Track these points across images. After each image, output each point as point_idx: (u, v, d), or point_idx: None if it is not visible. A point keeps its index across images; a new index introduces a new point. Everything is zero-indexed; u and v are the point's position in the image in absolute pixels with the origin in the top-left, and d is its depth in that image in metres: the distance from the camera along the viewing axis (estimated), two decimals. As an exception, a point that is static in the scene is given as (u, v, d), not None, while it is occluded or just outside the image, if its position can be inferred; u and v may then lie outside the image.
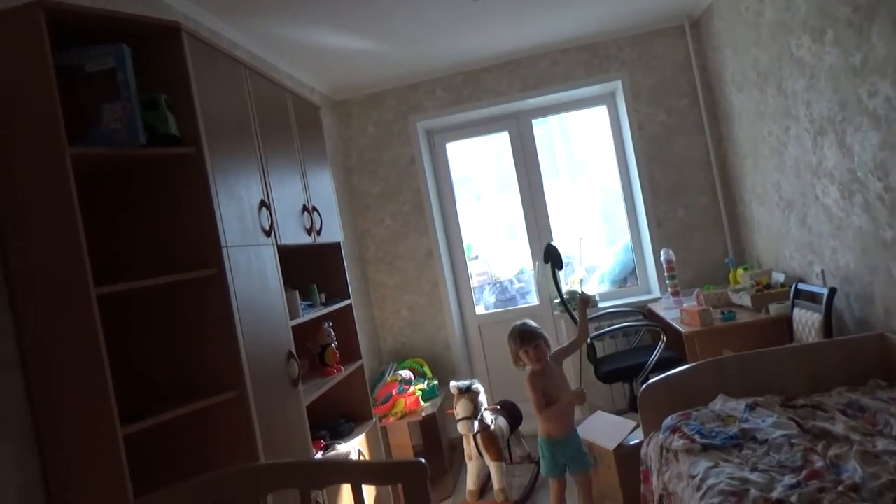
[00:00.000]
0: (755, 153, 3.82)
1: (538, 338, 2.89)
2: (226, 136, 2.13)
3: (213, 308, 1.96)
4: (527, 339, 2.87)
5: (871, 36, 2.37)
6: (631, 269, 5.01)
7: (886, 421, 2.16)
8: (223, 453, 1.94)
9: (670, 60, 4.50)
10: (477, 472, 3.63)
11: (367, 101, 4.81)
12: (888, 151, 2.41)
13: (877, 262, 2.65)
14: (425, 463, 1.31)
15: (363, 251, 4.84)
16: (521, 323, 2.98)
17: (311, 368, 2.89)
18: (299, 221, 2.68)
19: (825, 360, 2.67)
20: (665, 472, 2.38)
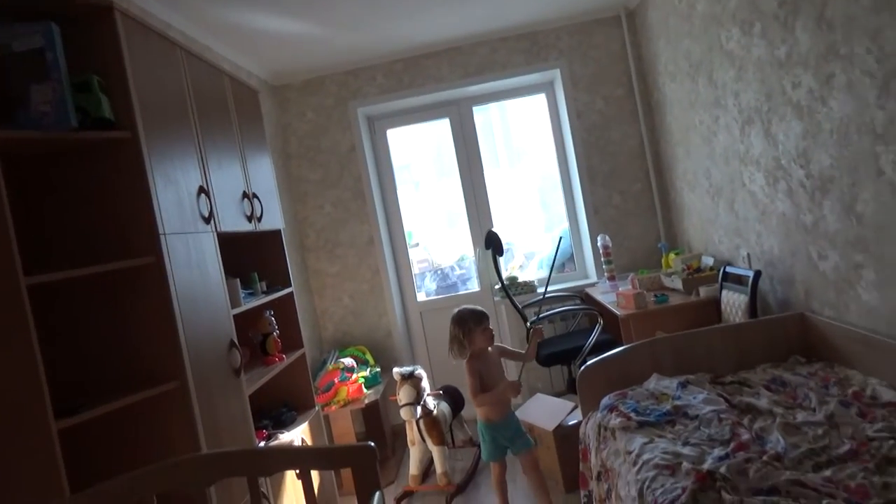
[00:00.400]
0: (686, 141, 3.96)
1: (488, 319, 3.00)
2: (162, 120, 2.07)
3: (151, 297, 1.90)
4: (484, 319, 2.97)
5: (795, 30, 2.49)
6: (569, 255, 5.12)
7: (806, 395, 2.29)
8: (165, 445, 1.90)
9: (607, 50, 4.60)
10: (420, 457, 3.66)
11: (306, 86, 4.72)
12: (809, 140, 2.54)
13: (798, 246, 2.80)
14: (374, 447, 1.32)
15: (303, 239, 4.78)
16: (469, 307, 3.04)
17: (253, 357, 2.85)
18: (239, 208, 2.62)
19: (750, 339, 2.81)
20: (603, 449, 2.46)
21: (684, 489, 1.77)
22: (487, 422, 2.97)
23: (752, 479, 1.77)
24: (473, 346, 2.95)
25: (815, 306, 2.74)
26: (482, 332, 2.94)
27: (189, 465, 1.41)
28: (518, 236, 5.26)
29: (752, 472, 1.80)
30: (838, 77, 2.28)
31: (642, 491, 1.90)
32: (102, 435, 1.87)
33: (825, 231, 2.55)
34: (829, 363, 2.56)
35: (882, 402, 2.09)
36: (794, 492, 1.67)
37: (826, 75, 2.35)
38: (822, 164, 2.49)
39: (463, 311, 3.02)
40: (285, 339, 3.01)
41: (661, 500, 1.78)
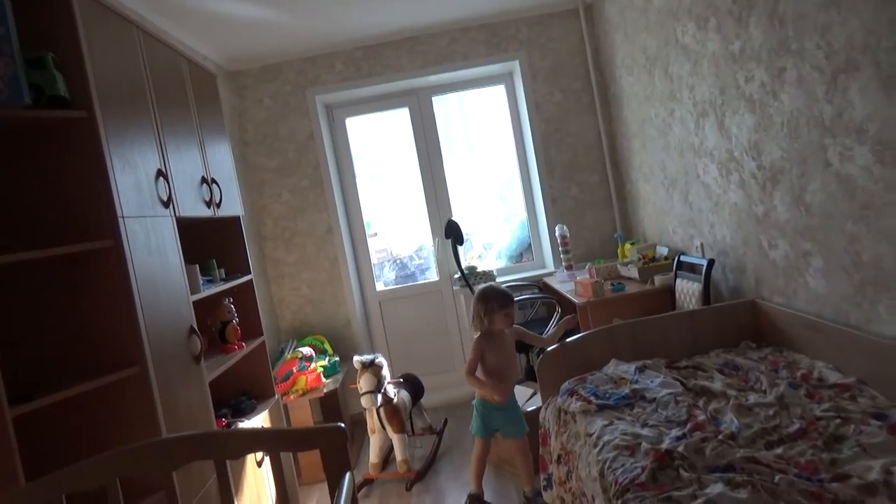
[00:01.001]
0: (642, 134, 4.05)
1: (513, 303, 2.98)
2: (119, 101, 2.01)
3: (110, 282, 1.85)
4: (509, 304, 2.94)
5: (748, 25, 2.57)
6: (527, 245, 5.18)
7: (757, 378, 2.38)
8: (124, 432, 1.86)
9: (565, 42, 4.65)
10: (380, 444, 3.66)
11: (263, 72, 4.64)
12: (761, 133, 2.63)
13: (749, 236, 2.90)
14: (344, 427, 1.32)
15: (260, 227, 4.70)
16: (495, 286, 3.03)
17: (212, 345, 2.79)
18: (198, 193, 2.56)
19: (704, 326, 2.90)
20: (563, 433, 2.51)
21: (644, 468, 1.82)
22: (483, 400, 2.99)
23: (709, 458, 1.83)
24: (492, 325, 2.94)
25: (766, 293, 2.84)
26: (504, 315, 2.93)
27: (154, 448, 1.38)
28: (477, 226, 5.29)
29: (708, 450, 1.86)
30: (789, 72, 2.36)
31: (603, 471, 1.95)
32: (60, 422, 1.82)
33: (775, 221, 2.65)
34: (778, 348, 2.66)
35: (828, 383, 2.19)
36: (748, 468, 1.73)
37: (778, 70, 2.43)
38: (773, 156, 2.58)
39: (488, 290, 2.98)
40: (244, 327, 2.97)
41: (621, 478, 1.83)
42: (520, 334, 3.10)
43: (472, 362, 2.95)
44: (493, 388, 2.91)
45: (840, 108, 2.11)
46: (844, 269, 2.25)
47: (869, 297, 2.14)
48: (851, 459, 1.71)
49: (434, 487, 3.46)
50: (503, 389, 2.92)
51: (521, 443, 3.02)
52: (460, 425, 4.29)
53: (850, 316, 2.26)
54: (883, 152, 1.94)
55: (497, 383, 2.92)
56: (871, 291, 2.13)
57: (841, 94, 2.09)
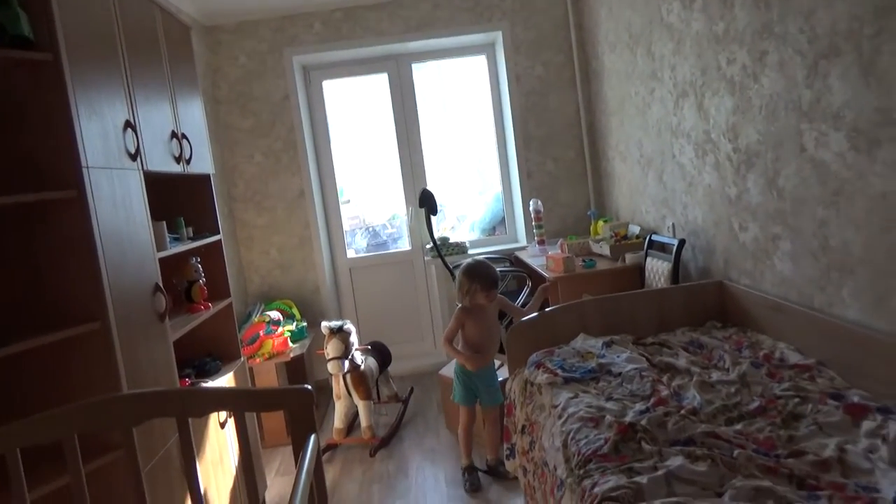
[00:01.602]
0: (621, 112, 4.04)
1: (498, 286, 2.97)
2: (87, 46, 1.92)
3: (72, 233, 1.79)
4: (494, 287, 2.94)
5: (734, 6, 2.56)
6: (500, 218, 5.18)
7: (720, 356, 2.42)
8: (84, 388, 1.81)
9: (550, 15, 4.60)
10: (345, 411, 3.66)
11: (240, 28, 4.50)
12: (739, 116, 2.64)
13: (721, 218, 2.93)
14: (311, 389, 1.30)
15: (230, 188, 4.61)
16: (485, 264, 2.98)
17: (177, 305, 2.74)
18: (167, 148, 2.49)
19: (671, 304, 2.93)
20: (528, 404, 2.53)
21: (607, 440, 1.84)
22: (463, 367, 3.00)
23: (670, 431, 1.86)
24: (473, 301, 2.94)
25: (734, 275, 2.88)
26: (486, 296, 2.92)
27: (114, 403, 1.35)
28: (451, 197, 5.26)
29: (670, 424, 1.89)
30: (771, 55, 2.36)
31: (567, 441, 1.97)
32: (15, 376, 1.77)
33: (748, 203, 2.68)
34: (742, 328, 2.71)
35: (789, 364, 2.23)
36: (707, 443, 1.76)
37: (760, 52, 2.43)
38: (749, 138, 2.59)
39: (476, 269, 2.95)
40: (211, 288, 2.91)
41: (584, 449, 1.85)
42: (502, 304, 3.12)
43: (450, 331, 2.97)
44: (468, 359, 2.93)
45: (819, 94, 2.12)
46: (812, 254, 2.28)
47: (834, 282, 2.18)
48: (808, 437, 1.75)
49: (398, 454, 3.48)
50: (477, 360, 2.95)
51: (494, 411, 3.05)
52: (426, 394, 4.31)
53: (815, 299, 2.30)
54: (857, 139, 1.96)
55: (473, 354, 2.94)
56: (836, 276, 2.17)
57: (821, 80, 2.10)
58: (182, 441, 1.42)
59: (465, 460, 3.08)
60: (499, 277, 2.98)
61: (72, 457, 1.41)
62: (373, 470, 3.33)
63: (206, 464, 2.45)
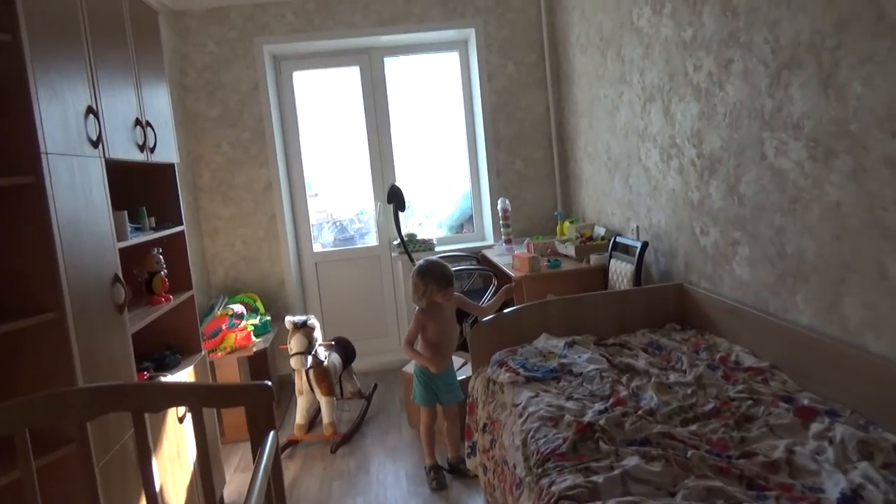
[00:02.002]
0: (590, 114, 4.08)
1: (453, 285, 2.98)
2: (49, 28, 1.86)
3: (29, 221, 1.74)
4: (449, 287, 2.94)
5: (702, 14, 2.60)
6: (468, 216, 5.19)
7: (678, 358, 2.47)
8: (38, 381, 1.76)
9: (523, 14, 4.62)
10: (307, 406, 3.63)
11: (209, 15, 4.43)
12: (704, 122, 2.69)
13: (683, 222, 2.98)
14: (271, 385, 1.29)
15: (196, 178, 4.53)
16: (438, 264, 2.99)
17: (137, 296, 2.69)
18: (131, 136, 2.43)
19: (633, 306, 2.98)
20: (490, 402, 2.55)
21: (565, 439, 1.87)
22: (424, 368, 3.00)
23: (628, 431, 1.89)
24: (430, 301, 2.95)
25: (694, 278, 2.94)
26: (442, 294, 2.93)
27: (68, 397, 1.32)
28: (419, 194, 5.25)
29: (627, 424, 1.92)
30: (736, 63, 2.41)
31: (526, 440, 1.99)
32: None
33: (709, 209, 2.73)
34: (700, 331, 2.76)
35: (744, 366, 2.29)
36: (663, 443, 1.80)
37: (726, 60, 2.48)
38: (713, 145, 2.65)
39: (428, 268, 2.96)
40: (173, 280, 2.86)
41: (543, 448, 1.87)
42: (460, 303, 3.13)
43: (411, 334, 2.98)
44: (430, 361, 2.94)
45: (780, 103, 2.17)
46: (769, 259, 2.34)
47: (788, 287, 2.24)
48: (759, 438, 1.80)
49: (359, 450, 3.47)
50: (438, 361, 2.95)
51: (453, 410, 3.06)
52: (389, 391, 4.31)
53: (770, 304, 2.36)
54: (816, 149, 2.01)
55: (434, 356, 2.95)
56: (791, 282, 2.23)
57: (783, 90, 2.15)
58: (138, 436, 1.40)
59: (428, 460, 3.08)
60: (452, 275, 2.99)
61: (22, 451, 1.37)
62: (333, 466, 3.32)
63: (164, 459, 2.41)
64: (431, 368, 2.95)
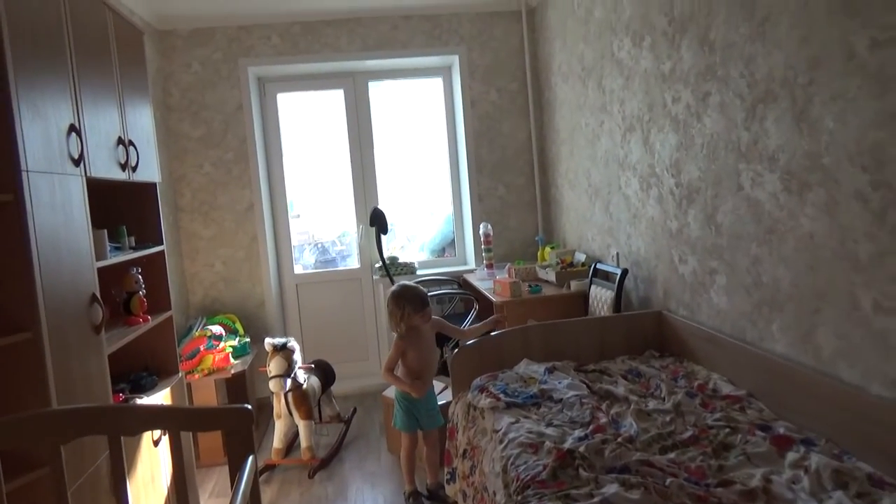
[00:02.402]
0: (571, 142, 4.15)
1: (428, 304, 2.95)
2: (33, 46, 1.87)
3: (6, 239, 1.72)
4: (425, 306, 2.91)
5: (680, 48, 2.67)
6: (450, 240, 5.21)
7: (657, 385, 2.49)
8: (11, 402, 1.73)
9: (506, 43, 4.70)
10: (285, 430, 3.59)
11: (194, 35, 4.44)
12: (682, 152, 2.75)
13: (662, 250, 3.03)
14: (251, 409, 1.28)
15: (177, 198, 4.51)
16: (410, 286, 2.96)
17: (114, 316, 2.66)
18: (113, 154, 2.42)
19: (613, 332, 3.00)
20: (470, 428, 2.54)
21: (545, 466, 1.87)
22: (405, 393, 2.97)
23: (607, 459, 1.90)
24: (409, 325, 2.91)
25: (672, 305, 2.98)
26: (420, 317, 2.90)
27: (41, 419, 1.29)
28: (402, 217, 5.27)
29: (607, 452, 1.93)
30: (713, 96, 2.47)
31: (506, 466, 1.98)
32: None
33: (688, 237, 2.78)
34: (679, 358, 2.79)
35: (721, 394, 2.31)
36: (642, 471, 1.81)
37: (703, 93, 2.54)
38: (691, 175, 2.70)
39: (402, 292, 2.92)
40: (152, 300, 2.83)
41: (523, 475, 1.87)
42: (440, 326, 3.10)
43: (391, 360, 2.94)
44: (411, 387, 2.91)
45: (756, 136, 2.23)
46: (745, 288, 2.38)
47: (765, 316, 2.28)
48: (736, 467, 1.82)
49: (337, 476, 3.43)
50: (420, 387, 2.93)
51: (433, 435, 3.04)
52: (369, 415, 4.28)
53: (747, 332, 2.40)
54: (790, 181, 2.07)
55: (415, 381, 2.93)
56: (767, 311, 2.27)
57: (758, 123, 2.21)
58: (113, 460, 1.37)
59: (408, 486, 3.05)
60: (427, 296, 2.97)
61: (-8, 475, 1.34)
62: (311, 492, 3.27)
63: (137, 483, 2.36)
64: (413, 394, 2.93)
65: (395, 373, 2.99)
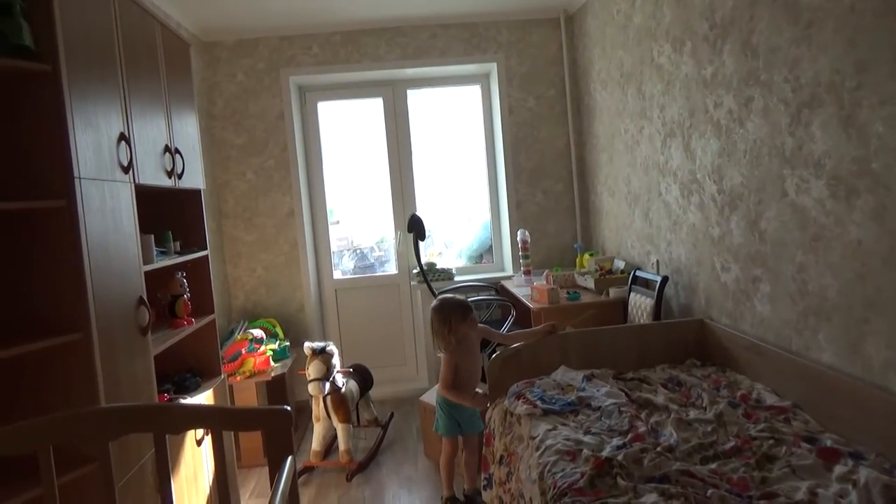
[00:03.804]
0: (611, 148, 4.11)
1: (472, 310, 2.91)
2: (86, 58, 1.94)
3: (59, 243, 1.80)
4: (469, 312, 2.86)
5: (722, 53, 2.63)
6: (487, 247, 5.21)
7: (698, 394, 2.45)
8: (62, 400, 1.80)
9: (544, 50, 4.70)
10: (323, 433, 3.64)
11: (238, 46, 4.55)
12: (724, 158, 2.70)
13: (703, 257, 2.98)
14: (290, 410, 1.30)
15: (221, 204, 4.61)
16: (449, 297, 2.92)
17: (160, 319, 2.73)
18: (160, 162, 2.50)
19: (652, 340, 2.96)
20: (507, 434, 2.54)
21: (583, 474, 1.85)
22: (447, 399, 2.95)
23: (646, 468, 1.88)
24: (459, 335, 2.85)
25: (714, 314, 2.92)
26: (467, 324, 2.85)
27: (93, 417, 1.34)
28: (440, 224, 5.29)
29: (646, 461, 1.91)
30: (756, 101, 2.43)
31: (543, 474, 1.97)
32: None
33: (730, 244, 2.73)
34: (721, 367, 2.74)
35: (765, 405, 2.26)
36: (682, 481, 1.78)
37: (746, 98, 2.50)
38: (733, 181, 2.65)
39: (445, 304, 2.88)
40: (196, 304, 2.90)
41: (560, 483, 1.86)
42: (485, 333, 3.05)
43: (447, 378, 2.88)
44: (474, 401, 2.88)
45: (801, 141, 2.18)
46: (790, 297, 2.33)
47: (811, 326, 2.22)
48: (780, 479, 1.77)
49: (374, 480, 3.45)
50: (482, 400, 2.88)
51: (474, 440, 3.03)
52: (406, 420, 4.29)
53: (792, 342, 2.34)
54: (837, 187, 2.02)
55: (475, 395, 2.89)
56: (813, 320, 2.21)
57: (803, 128, 2.17)
58: (158, 458, 1.41)
59: (446, 492, 3.05)
60: (469, 303, 2.92)
61: (46, 468, 1.39)
62: (349, 495, 3.30)
63: (181, 481, 2.42)
64: (477, 407, 2.89)
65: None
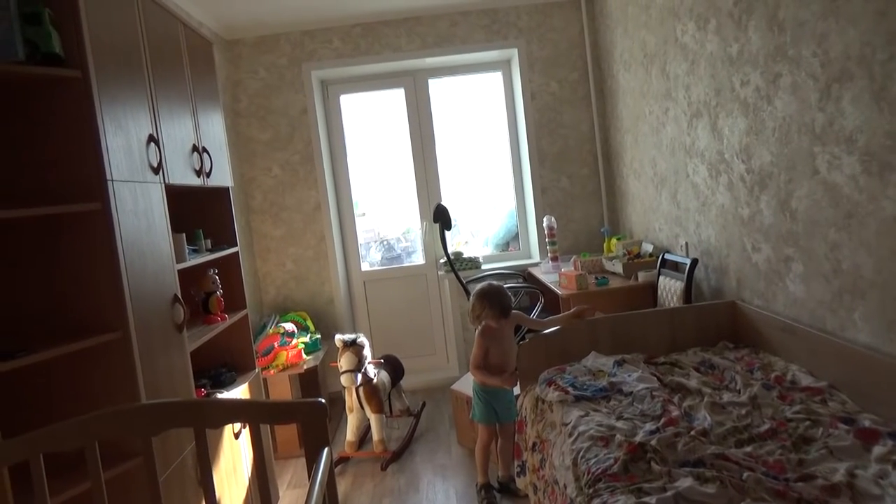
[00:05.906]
0: (636, 130, 4.07)
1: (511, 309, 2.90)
2: (114, 63, 1.98)
3: (95, 245, 1.85)
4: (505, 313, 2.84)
5: (748, 29, 2.58)
6: (514, 234, 5.20)
7: (732, 377, 2.42)
8: (103, 397, 1.86)
9: (565, 33, 4.65)
10: (357, 424, 3.68)
11: (260, 43, 4.59)
12: (752, 137, 2.66)
13: (733, 238, 2.94)
14: (325, 402, 1.33)
15: (248, 200, 4.68)
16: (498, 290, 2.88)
17: (194, 315, 2.79)
18: (188, 161, 2.55)
19: (684, 324, 2.94)
20: (539, 421, 2.54)
21: (616, 459, 1.86)
22: (483, 385, 2.96)
23: (680, 452, 1.87)
24: (483, 322, 2.87)
25: (746, 295, 2.89)
26: (494, 321, 2.84)
27: (135, 413, 1.39)
28: (465, 212, 5.30)
29: (680, 445, 1.90)
30: (784, 78, 2.38)
31: (577, 460, 1.98)
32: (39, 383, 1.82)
33: (760, 224, 2.69)
34: (754, 349, 2.71)
35: (800, 386, 2.23)
36: (717, 464, 1.77)
37: (773, 75, 2.45)
38: (762, 160, 2.61)
39: (490, 294, 2.85)
40: (228, 299, 2.96)
41: (594, 468, 1.86)
42: (519, 319, 3.04)
43: (477, 357, 2.90)
44: (502, 381, 2.87)
45: (832, 117, 2.14)
46: (824, 276, 2.29)
47: (846, 305, 2.19)
48: (818, 461, 1.76)
49: (409, 468, 3.49)
50: (510, 379, 2.88)
51: (510, 427, 3.04)
52: (438, 409, 4.33)
53: (827, 321, 2.31)
54: (870, 163, 1.97)
55: (503, 374, 2.89)
56: (848, 299, 2.17)
57: (833, 104, 2.12)
58: (199, 451, 1.45)
59: (481, 478, 3.06)
60: (511, 305, 2.89)
61: (93, 463, 1.45)
62: (384, 484, 3.35)
63: (220, 474, 2.48)
64: (506, 386, 2.89)
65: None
